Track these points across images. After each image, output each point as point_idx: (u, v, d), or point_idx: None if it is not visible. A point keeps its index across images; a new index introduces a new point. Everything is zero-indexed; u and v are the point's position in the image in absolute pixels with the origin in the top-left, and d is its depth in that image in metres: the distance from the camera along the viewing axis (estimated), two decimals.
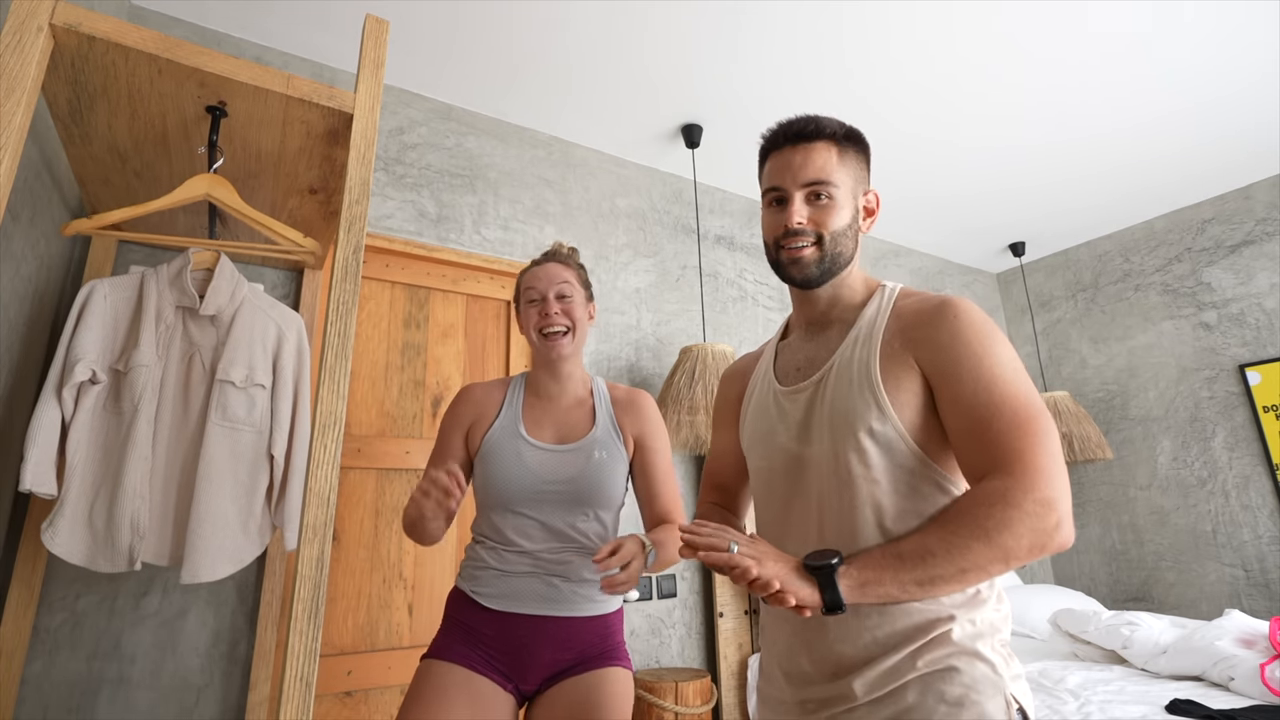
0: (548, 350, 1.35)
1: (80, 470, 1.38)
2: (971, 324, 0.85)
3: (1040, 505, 0.74)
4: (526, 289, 1.38)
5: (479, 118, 2.64)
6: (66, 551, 1.35)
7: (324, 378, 1.12)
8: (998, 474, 0.77)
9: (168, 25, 2.09)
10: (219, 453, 1.50)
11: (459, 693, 1.20)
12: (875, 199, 1.00)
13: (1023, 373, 0.83)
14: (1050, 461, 0.77)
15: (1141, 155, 3.08)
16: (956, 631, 0.80)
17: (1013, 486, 0.75)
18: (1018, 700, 0.79)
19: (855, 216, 0.97)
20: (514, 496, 1.31)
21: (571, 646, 1.28)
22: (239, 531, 1.50)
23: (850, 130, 0.98)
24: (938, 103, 2.65)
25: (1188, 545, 3.37)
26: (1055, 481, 0.75)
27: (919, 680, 0.79)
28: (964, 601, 0.82)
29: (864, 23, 2.21)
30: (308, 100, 1.27)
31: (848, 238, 0.95)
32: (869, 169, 1.01)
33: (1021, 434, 0.78)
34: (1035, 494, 0.74)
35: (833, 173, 0.94)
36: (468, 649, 1.26)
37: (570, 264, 1.41)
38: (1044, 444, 0.77)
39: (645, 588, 2.50)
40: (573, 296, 1.37)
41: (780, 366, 1.04)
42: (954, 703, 0.77)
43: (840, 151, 0.96)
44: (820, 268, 0.94)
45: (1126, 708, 1.95)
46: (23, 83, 0.97)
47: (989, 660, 0.80)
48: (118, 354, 1.46)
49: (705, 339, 2.91)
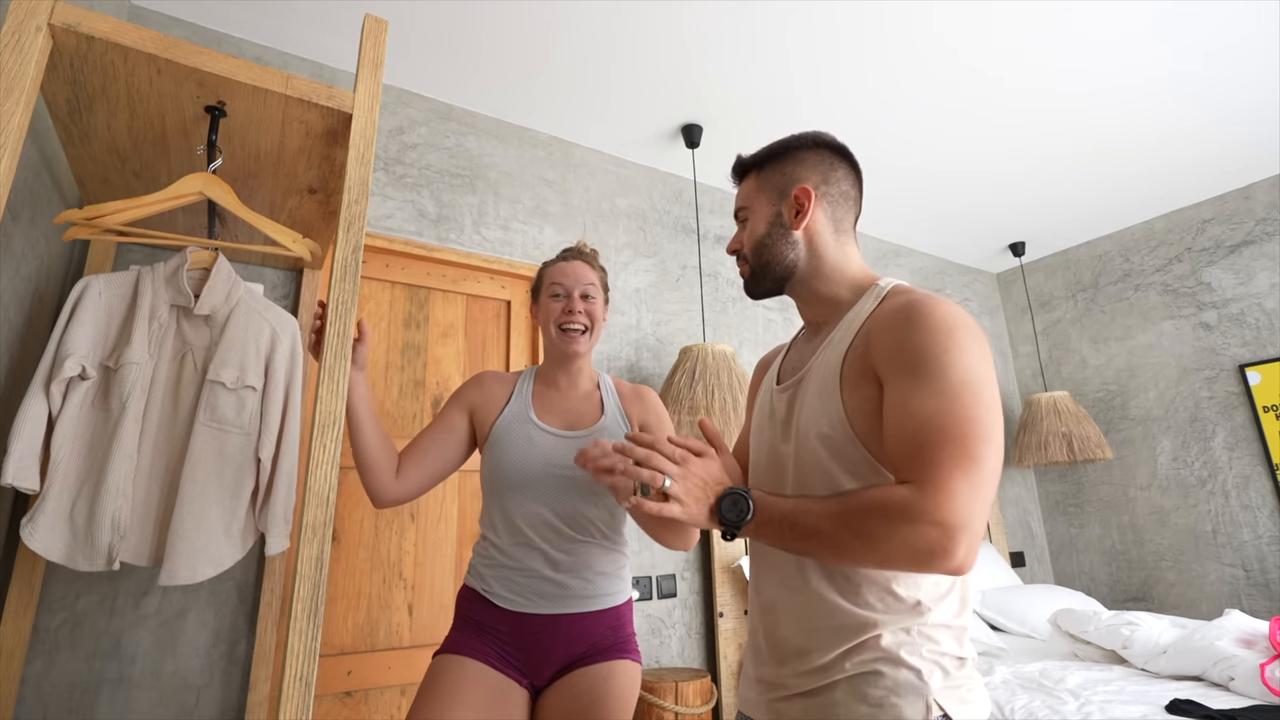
0: (565, 344, 1.39)
1: (64, 466, 1.36)
2: (927, 329, 0.81)
3: (935, 528, 0.72)
4: (552, 283, 1.42)
5: (479, 118, 2.64)
6: (45, 548, 1.32)
7: (324, 377, 1.12)
8: (913, 485, 0.75)
9: (167, 25, 2.09)
10: (205, 454, 1.48)
11: (474, 686, 1.21)
12: (804, 194, 0.99)
13: (973, 386, 0.78)
14: (966, 486, 0.73)
15: (1141, 155, 3.07)
16: (886, 638, 0.82)
17: (916, 501, 0.73)
18: (943, 708, 0.80)
19: (776, 220, 1.00)
20: (524, 479, 1.32)
21: (584, 639, 1.29)
22: (221, 535, 1.47)
23: (762, 155, 1.05)
24: (937, 103, 2.65)
25: (1188, 545, 3.37)
26: (963, 507, 0.72)
27: (846, 680, 0.82)
28: (903, 610, 0.84)
29: (864, 23, 2.21)
30: (307, 100, 1.27)
31: (771, 242, 1.00)
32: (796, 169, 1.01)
33: (944, 453, 0.75)
34: (935, 515, 0.72)
35: (749, 199, 1.04)
36: (481, 644, 1.28)
37: (596, 266, 1.46)
38: (964, 466, 0.74)
39: (645, 588, 2.50)
40: (596, 298, 1.42)
41: (784, 364, 1.07)
42: (874, 704, 0.80)
43: (757, 176, 1.04)
44: (755, 281, 1.03)
45: (1126, 708, 1.95)
46: (22, 82, 0.97)
47: (914, 668, 0.81)
48: (109, 350, 1.44)
49: (705, 339, 2.91)
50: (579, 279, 1.40)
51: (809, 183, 1.00)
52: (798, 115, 2.71)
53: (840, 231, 1.01)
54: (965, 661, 0.85)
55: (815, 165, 1.01)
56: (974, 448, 0.75)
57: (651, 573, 2.54)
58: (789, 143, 1.03)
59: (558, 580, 1.30)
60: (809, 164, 1.01)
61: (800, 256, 0.99)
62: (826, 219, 1.00)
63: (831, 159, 1.02)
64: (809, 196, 0.98)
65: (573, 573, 1.30)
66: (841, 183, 1.02)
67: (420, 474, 1.35)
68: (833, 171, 1.01)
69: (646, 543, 2.55)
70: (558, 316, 1.39)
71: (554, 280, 1.42)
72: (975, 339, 0.82)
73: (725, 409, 2.33)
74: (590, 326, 1.40)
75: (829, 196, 1.00)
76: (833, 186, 1.01)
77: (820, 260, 0.99)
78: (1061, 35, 2.30)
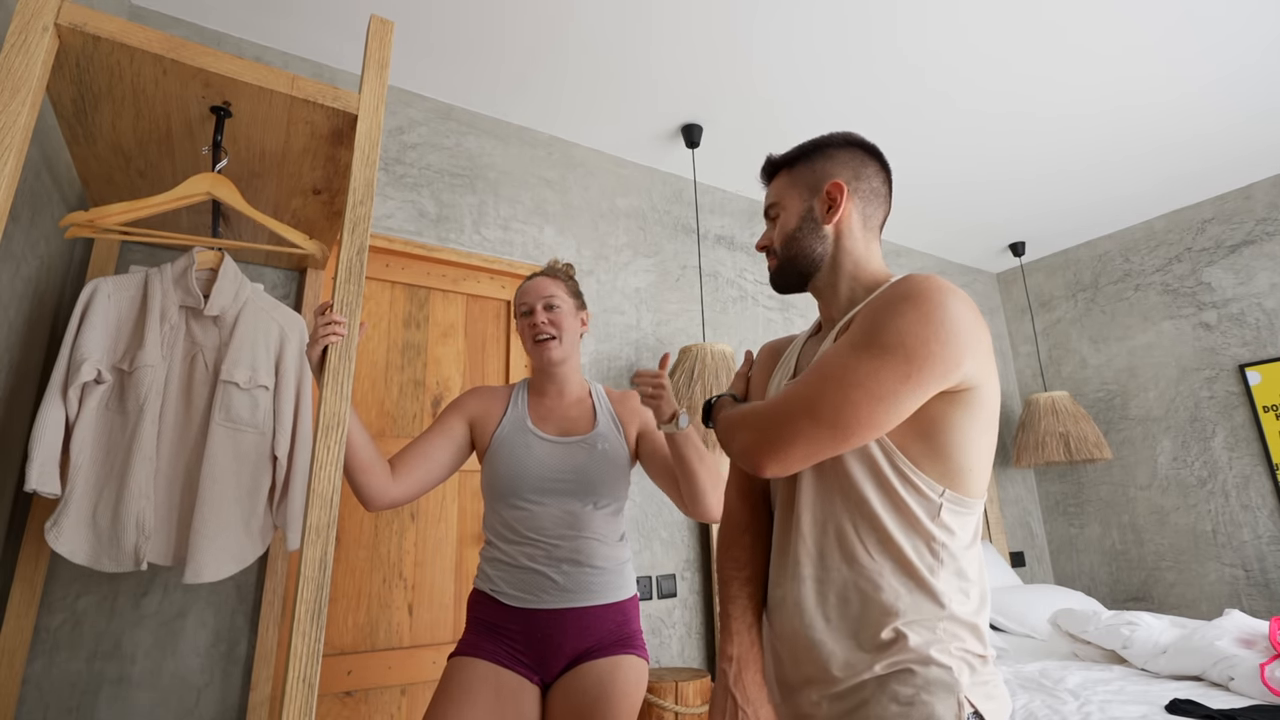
0: (539, 356, 1.46)
1: (84, 470, 1.38)
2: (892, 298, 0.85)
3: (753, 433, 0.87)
4: (520, 303, 1.50)
5: (479, 118, 2.64)
6: (70, 551, 1.35)
7: (327, 378, 1.12)
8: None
9: (168, 25, 2.09)
10: (222, 453, 1.50)
11: (484, 686, 1.25)
12: (836, 188, 1.00)
13: (892, 349, 0.81)
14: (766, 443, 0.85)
15: (1141, 155, 3.08)
16: (914, 638, 0.83)
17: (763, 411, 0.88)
18: (973, 704, 0.81)
19: (808, 215, 1.02)
20: (525, 486, 1.37)
21: (589, 634, 1.33)
22: (242, 532, 1.51)
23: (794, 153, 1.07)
24: (937, 103, 2.65)
25: (1188, 545, 3.37)
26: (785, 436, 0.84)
27: (875, 681, 0.83)
28: (928, 610, 0.85)
29: (864, 23, 2.22)
30: (312, 101, 1.27)
31: (802, 235, 1.02)
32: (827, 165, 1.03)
33: (797, 405, 0.85)
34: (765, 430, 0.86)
35: (781, 195, 1.06)
36: (493, 644, 1.32)
37: (559, 277, 1.52)
38: (809, 414, 0.83)
39: (645, 588, 2.50)
40: (560, 306, 1.47)
41: (800, 360, 1.08)
42: (905, 702, 0.80)
43: (789, 173, 1.06)
44: (782, 274, 1.05)
45: (1126, 708, 1.95)
46: (28, 82, 0.97)
47: (945, 665, 0.82)
48: (121, 353, 1.45)
49: (705, 339, 2.91)
50: (539, 292, 1.48)
51: (841, 178, 1.01)
52: (798, 115, 2.71)
53: (869, 229, 1.03)
54: (987, 659, 0.87)
55: (847, 162, 1.03)
56: (823, 403, 0.82)
57: (651, 573, 2.54)
58: (821, 141, 1.05)
59: (561, 576, 1.34)
60: (841, 160, 1.03)
61: (828, 251, 1.01)
62: (858, 215, 1.02)
63: (863, 157, 1.04)
64: (841, 191, 1.00)
65: (575, 569, 1.35)
66: (872, 179, 1.03)
67: (419, 476, 1.37)
68: (864, 168, 1.03)
69: (646, 542, 2.56)
70: (528, 331, 1.47)
71: (520, 301, 1.50)
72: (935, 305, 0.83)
73: None
74: (558, 334, 1.45)
75: (860, 193, 1.02)
76: (864, 183, 1.03)
77: (846, 255, 1.01)
78: (1062, 35, 2.30)
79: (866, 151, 1.04)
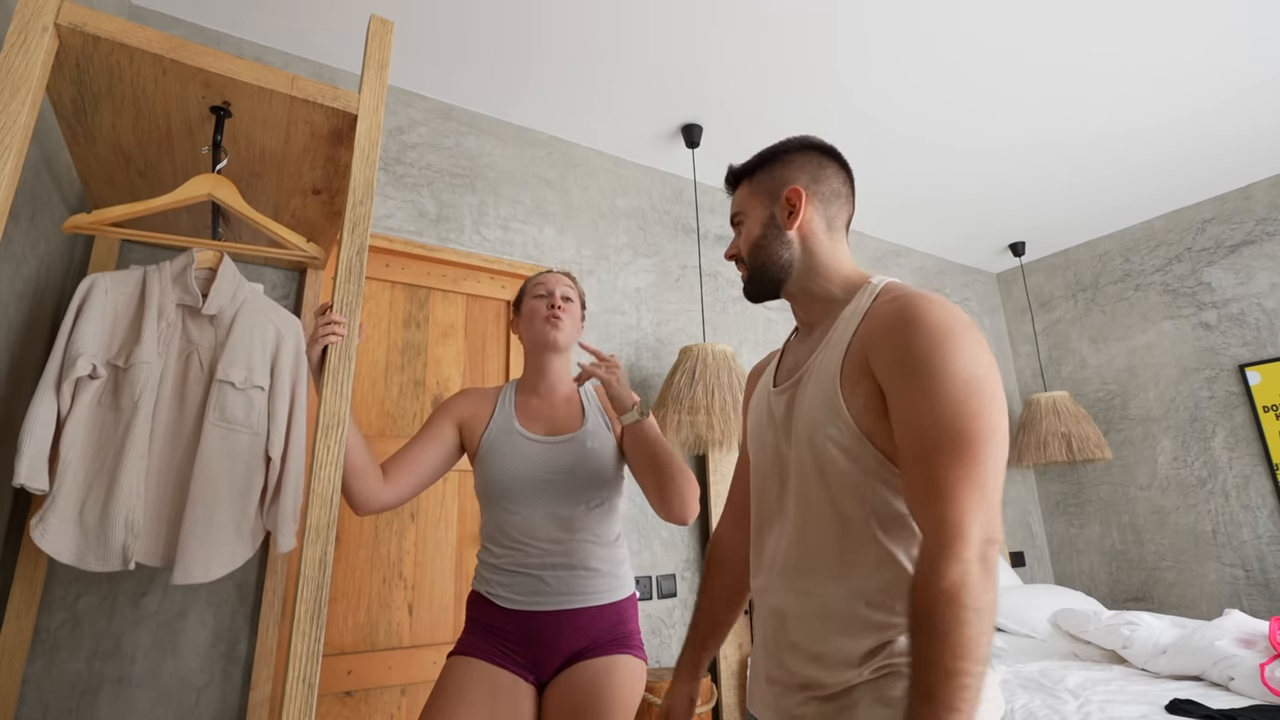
0: (547, 333, 1.46)
1: (73, 466, 1.36)
2: (924, 335, 0.82)
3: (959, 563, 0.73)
4: (535, 285, 1.53)
5: (479, 118, 2.64)
6: (56, 549, 1.32)
7: (327, 378, 1.12)
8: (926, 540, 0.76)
9: (167, 25, 2.09)
10: (216, 453, 1.49)
11: (480, 685, 1.26)
12: (795, 194, 1.01)
13: (973, 384, 0.79)
14: (974, 495, 0.75)
15: (1141, 155, 3.08)
16: (902, 640, 0.83)
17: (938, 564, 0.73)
18: None
19: (770, 222, 1.02)
20: (515, 489, 1.38)
21: (585, 634, 1.33)
22: (232, 533, 1.49)
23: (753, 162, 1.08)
24: (937, 104, 2.65)
25: (1188, 545, 3.37)
26: (971, 532, 0.73)
27: (865, 684, 0.83)
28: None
29: (864, 23, 2.22)
30: (312, 101, 1.27)
31: (767, 243, 1.02)
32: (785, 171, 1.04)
33: (951, 470, 0.76)
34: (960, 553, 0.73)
35: (743, 204, 1.07)
36: (489, 645, 1.33)
37: (574, 281, 1.59)
38: (975, 476, 0.75)
39: (645, 588, 2.50)
40: (573, 301, 1.54)
41: (781, 366, 1.08)
42: (893, 705, 0.80)
43: (749, 182, 1.07)
44: (754, 284, 1.05)
45: (1126, 707, 1.95)
46: (28, 82, 0.97)
47: None
48: (117, 349, 1.44)
49: (705, 339, 2.91)
50: (560, 282, 1.53)
51: (799, 183, 1.02)
52: (798, 115, 2.71)
53: (833, 230, 1.03)
54: None
55: (804, 166, 1.04)
56: (982, 450, 0.77)
57: (651, 573, 2.54)
58: (777, 148, 1.07)
59: (556, 579, 1.34)
60: (798, 165, 1.04)
61: (795, 256, 1.02)
62: (819, 217, 1.02)
63: (820, 159, 1.05)
64: (800, 196, 1.01)
65: (570, 571, 1.35)
66: (831, 181, 1.04)
67: (409, 481, 1.38)
68: (822, 171, 1.04)
69: (646, 542, 2.56)
70: (542, 310, 1.49)
71: (537, 283, 1.54)
72: (972, 336, 0.83)
73: (725, 409, 2.33)
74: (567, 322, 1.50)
75: (820, 195, 1.03)
76: (823, 185, 1.03)
77: (814, 259, 1.01)
78: (1061, 38, 2.30)
79: (824, 154, 1.05)
